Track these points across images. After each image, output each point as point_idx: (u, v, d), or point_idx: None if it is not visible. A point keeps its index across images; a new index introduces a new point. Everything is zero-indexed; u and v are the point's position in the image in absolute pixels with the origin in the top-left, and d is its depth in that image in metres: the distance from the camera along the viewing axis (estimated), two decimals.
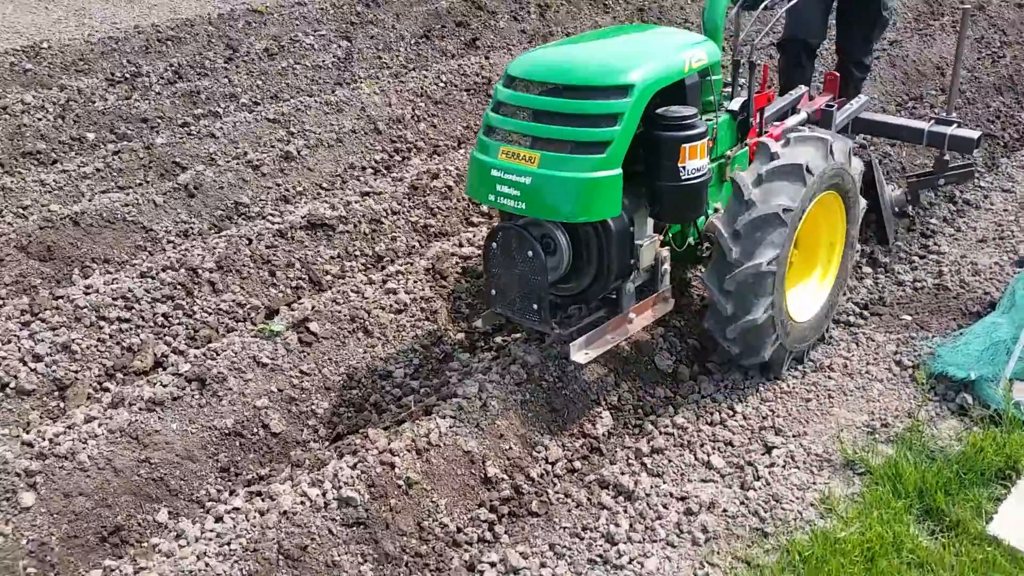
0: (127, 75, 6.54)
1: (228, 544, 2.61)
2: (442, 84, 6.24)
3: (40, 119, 5.66)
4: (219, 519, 2.79)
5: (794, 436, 3.25)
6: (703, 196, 3.18)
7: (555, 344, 3.38)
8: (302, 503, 2.72)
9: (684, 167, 3.04)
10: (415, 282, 3.97)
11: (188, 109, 6.07)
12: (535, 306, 3.07)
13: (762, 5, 3.61)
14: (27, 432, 3.11)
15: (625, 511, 2.93)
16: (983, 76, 6.49)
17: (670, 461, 3.13)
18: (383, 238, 4.49)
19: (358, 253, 4.39)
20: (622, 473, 3.07)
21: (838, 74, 4.42)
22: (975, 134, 4.22)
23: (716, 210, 3.46)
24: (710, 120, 3.34)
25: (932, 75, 6.50)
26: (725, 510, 2.93)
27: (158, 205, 4.65)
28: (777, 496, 2.97)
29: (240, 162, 5.12)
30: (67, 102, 5.89)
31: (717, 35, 3.50)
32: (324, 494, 2.75)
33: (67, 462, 2.87)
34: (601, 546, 2.81)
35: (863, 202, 3.65)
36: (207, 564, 2.54)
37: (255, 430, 3.24)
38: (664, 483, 3.04)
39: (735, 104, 3.53)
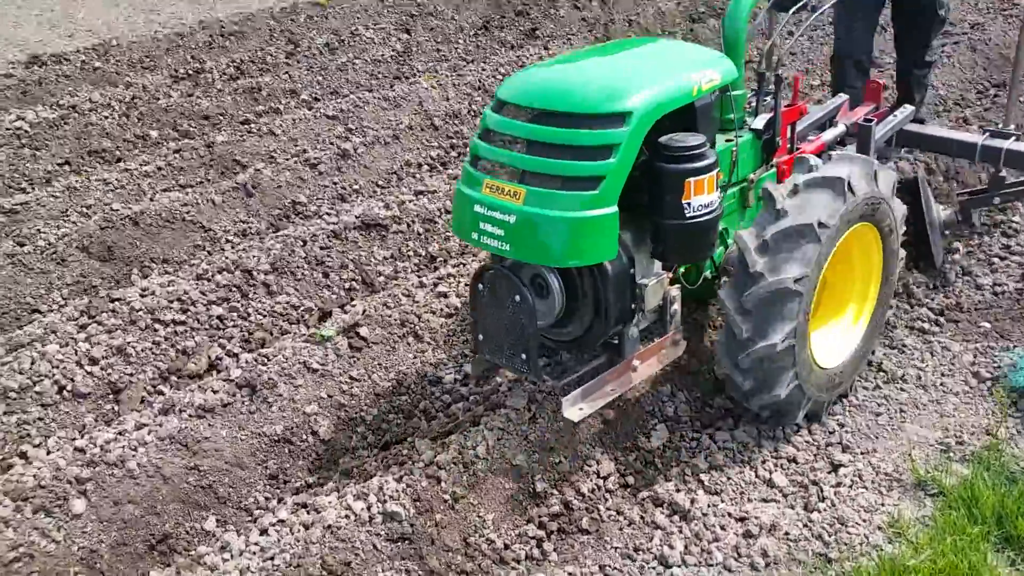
0: (191, 71, 6.62)
1: (272, 559, 2.58)
2: (500, 77, 6.14)
3: (106, 117, 5.76)
4: (264, 531, 2.77)
5: (862, 453, 3.07)
6: (711, 235, 2.83)
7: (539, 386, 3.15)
8: (347, 517, 2.68)
9: (689, 203, 2.70)
10: (466, 285, 3.89)
11: (249, 106, 6.11)
12: (523, 355, 2.76)
13: (796, 6, 3.18)
14: (81, 436, 3.16)
15: (680, 531, 2.80)
16: None
17: (729, 479, 2.99)
18: (436, 238, 4.43)
19: (411, 253, 4.34)
20: (677, 490, 2.94)
21: (881, 83, 4.16)
22: None
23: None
24: (730, 141, 3.01)
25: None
26: (787, 533, 2.78)
27: (217, 204, 4.68)
28: (843, 518, 2.81)
29: (298, 160, 5.12)
30: (132, 99, 5.99)
31: (738, 44, 3.10)
32: (369, 508, 2.70)
33: (117, 469, 2.89)
34: (654, 568, 2.70)
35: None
36: None
37: (304, 437, 3.22)
38: (722, 502, 2.90)
39: (759, 122, 3.15)
